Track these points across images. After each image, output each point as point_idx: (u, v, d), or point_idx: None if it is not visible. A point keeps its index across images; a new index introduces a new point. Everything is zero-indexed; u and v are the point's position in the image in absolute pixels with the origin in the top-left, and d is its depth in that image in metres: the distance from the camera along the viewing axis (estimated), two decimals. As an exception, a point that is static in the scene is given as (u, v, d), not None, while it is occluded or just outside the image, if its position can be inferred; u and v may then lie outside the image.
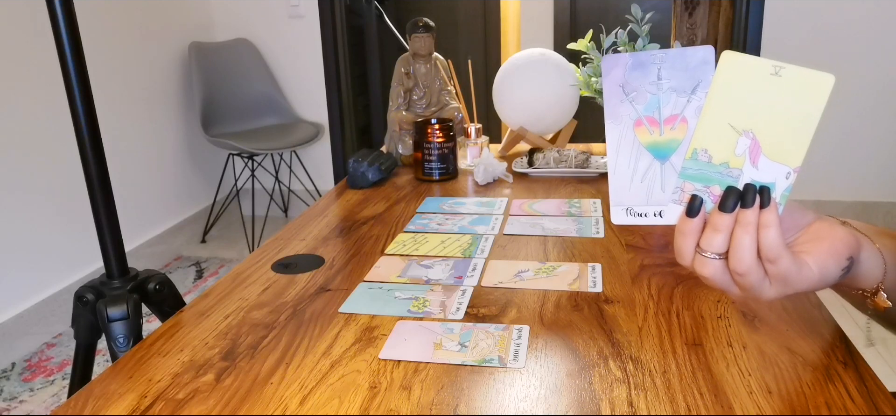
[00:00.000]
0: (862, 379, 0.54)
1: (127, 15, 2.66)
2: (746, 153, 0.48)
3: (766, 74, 0.47)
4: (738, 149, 0.49)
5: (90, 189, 0.88)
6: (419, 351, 0.61)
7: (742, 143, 0.48)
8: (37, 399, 1.91)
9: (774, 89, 0.48)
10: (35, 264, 2.24)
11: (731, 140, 0.49)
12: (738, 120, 0.48)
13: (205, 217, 3.19)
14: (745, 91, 0.48)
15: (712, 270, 0.48)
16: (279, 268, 0.83)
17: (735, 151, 0.49)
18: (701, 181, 0.49)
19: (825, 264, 0.49)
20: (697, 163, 0.49)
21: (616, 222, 0.52)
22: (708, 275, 0.49)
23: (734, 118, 0.49)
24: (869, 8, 2.72)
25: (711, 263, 0.48)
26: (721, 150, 0.49)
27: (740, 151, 0.49)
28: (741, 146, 0.48)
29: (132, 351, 0.64)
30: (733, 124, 0.49)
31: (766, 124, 0.48)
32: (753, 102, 0.48)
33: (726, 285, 0.49)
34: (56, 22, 0.81)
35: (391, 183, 1.19)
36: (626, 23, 1.23)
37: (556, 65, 1.29)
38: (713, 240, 0.48)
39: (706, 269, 0.49)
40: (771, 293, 0.49)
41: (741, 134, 0.48)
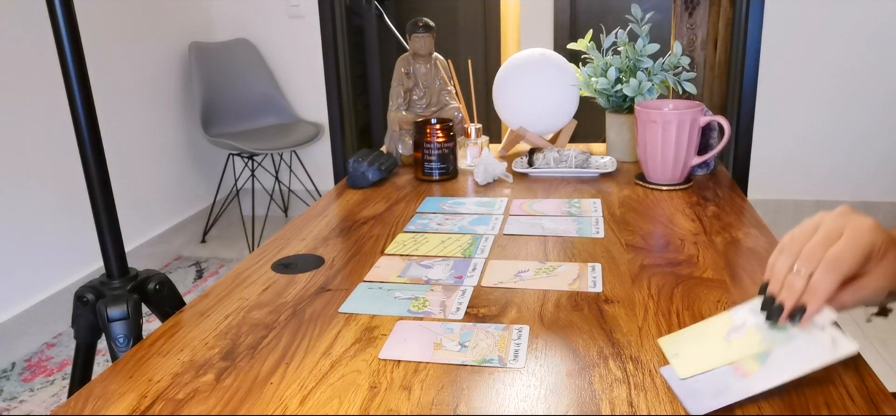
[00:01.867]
0: (862, 379, 0.54)
1: (127, 15, 2.66)
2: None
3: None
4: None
5: (90, 189, 0.88)
6: (419, 351, 0.61)
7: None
8: (37, 399, 1.91)
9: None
10: (35, 264, 2.24)
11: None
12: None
13: (205, 217, 3.19)
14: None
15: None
16: (279, 268, 0.83)
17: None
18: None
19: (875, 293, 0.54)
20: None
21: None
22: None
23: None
24: (869, 8, 2.72)
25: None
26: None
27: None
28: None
29: (132, 351, 0.64)
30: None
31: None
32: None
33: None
34: (56, 22, 0.81)
35: (391, 183, 1.19)
36: (626, 23, 1.23)
37: (556, 65, 1.29)
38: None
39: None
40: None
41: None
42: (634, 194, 1.06)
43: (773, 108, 2.89)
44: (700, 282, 0.73)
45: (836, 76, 2.82)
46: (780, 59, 2.83)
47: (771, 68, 2.83)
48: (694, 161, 1.08)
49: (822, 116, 2.89)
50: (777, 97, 2.88)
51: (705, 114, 1.06)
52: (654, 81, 1.18)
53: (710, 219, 0.93)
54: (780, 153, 2.95)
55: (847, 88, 2.83)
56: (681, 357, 0.56)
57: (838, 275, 0.51)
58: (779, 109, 2.90)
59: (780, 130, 2.93)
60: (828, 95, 2.86)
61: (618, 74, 1.22)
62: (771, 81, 2.84)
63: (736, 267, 0.76)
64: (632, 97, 1.20)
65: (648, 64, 1.19)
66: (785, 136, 2.93)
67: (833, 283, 0.51)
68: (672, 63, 1.20)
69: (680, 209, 0.98)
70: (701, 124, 1.05)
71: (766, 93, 2.82)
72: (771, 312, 0.54)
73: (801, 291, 0.52)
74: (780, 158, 2.95)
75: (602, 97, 1.25)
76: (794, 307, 0.53)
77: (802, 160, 2.95)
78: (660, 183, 1.08)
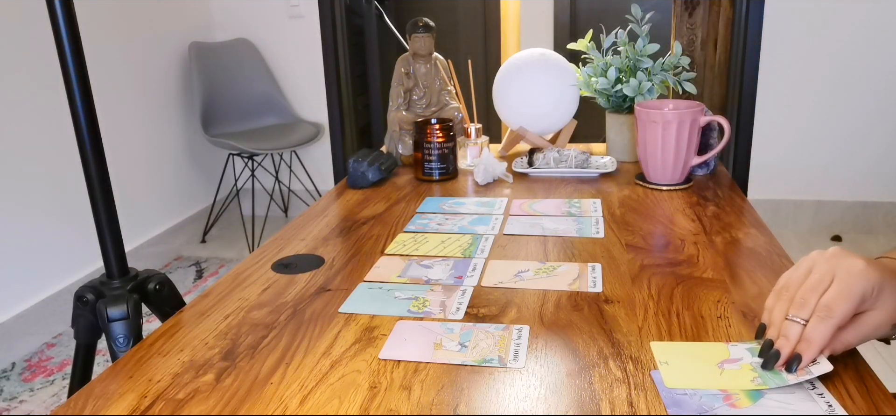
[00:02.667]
0: (862, 379, 0.54)
1: (127, 15, 2.66)
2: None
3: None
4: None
5: (90, 189, 0.88)
6: (419, 351, 0.61)
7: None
8: (37, 399, 1.91)
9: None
10: (35, 264, 2.24)
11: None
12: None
13: (205, 217, 3.19)
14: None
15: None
16: (279, 268, 0.83)
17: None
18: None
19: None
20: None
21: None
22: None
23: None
24: (869, 8, 2.72)
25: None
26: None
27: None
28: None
29: (132, 351, 0.64)
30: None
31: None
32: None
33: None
34: (56, 22, 0.81)
35: (391, 183, 1.19)
36: (626, 23, 1.23)
37: (556, 65, 1.29)
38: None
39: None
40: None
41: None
42: (634, 194, 1.06)
43: (773, 108, 2.89)
44: (700, 282, 0.73)
45: (835, 76, 2.82)
46: (780, 60, 2.83)
47: (771, 68, 2.83)
48: (694, 161, 1.08)
49: (821, 117, 2.89)
50: (777, 97, 2.88)
51: (705, 114, 1.06)
52: (654, 81, 1.18)
53: (710, 219, 0.93)
54: (780, 153, 2.95)
55: (847, 88, 2.83)
56: (671, 368, 0.57)
57: (831, 324, 0.52)
58: (779, 109, 2.90)
59: (780, 130, 2.93)
60: (827, 95, 2.86)
61: (618, 74, 1.22)
62: (771, 81, 2.84)
63: (736, 267, 0.76)
64: (632, 97, 1.20)
65: (648, 64, 1.19)
66: (785, 136, 2.93)
67: (826, 332, 0.53)
68: (672, 63, 1.20)
69: (680, 209, 0.98)
70: (701, 124, 1.05)
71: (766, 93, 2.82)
72: (767, 359, 0.55)
73: (797, 339, 0.54)
74: (780, 158, 2.95)
75: (602, 97, 1.25)
76: (791, 356, 0.54)
77: (802, 160, 2.95)
78: (660, 183, 1.08)
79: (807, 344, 0.53)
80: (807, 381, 0.53)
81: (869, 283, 0.53)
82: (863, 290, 0.53)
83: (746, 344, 0.59)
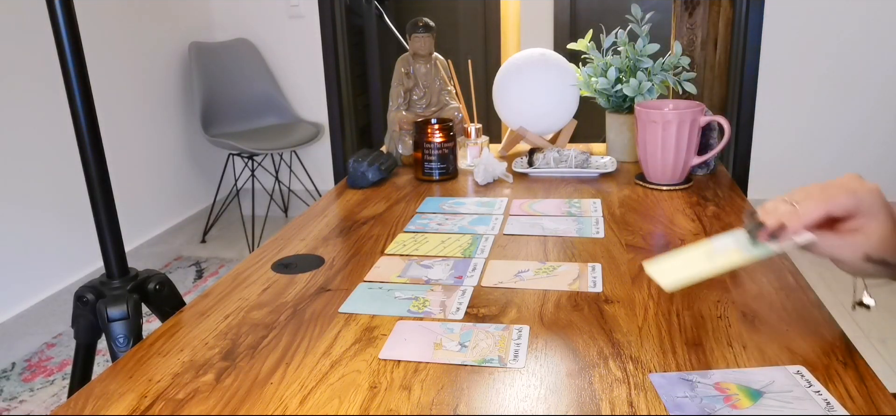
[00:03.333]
0: (862, 379, 0.54)
1: (127, 15, 2.66)
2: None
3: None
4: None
5: (90, 189, 0.88)
6: (419, 351, 0.61)
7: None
8: (37, 399, 1.91)
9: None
10: (35, 264, 2.24)
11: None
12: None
13: (205, 217, 3.19)
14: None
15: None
16: (279, 268, 0.83)
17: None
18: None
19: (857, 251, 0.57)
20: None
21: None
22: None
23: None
24: (869, 8, 2.72)
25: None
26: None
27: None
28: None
29: (132, 351, 0.64)
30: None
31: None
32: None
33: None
34: (56, 22, 0.81)
35: (391, 183, 1.19)
36: (626, 23, 1.23)
37: (556, 65, 1.29)
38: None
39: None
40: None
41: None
42: (634, 194, 1.06)
43: (773, 108, 2.89)
44: (700, 282, 0.73)
45: (835, 76, 2.82)
46: (780, 60, 2.83)
47: (771, 68, 2.83)
48: (694, 161, 1.08)
49: (821, 116, 2.89)
50: (777, 97, 2.88)
51: (705, 114, 1.06)
52: (654, 81, 1.18)
53: (709, 219, 0.93)
54: (780, 153, 2.95)
55: (847, 87, 2.83)
56: (665, 273, 0.61)
57: (822, 206, 0.55)
58: (779, 109, 2.90)
59: (780, 130, 2.93)
60: (827, 95, 2.86)
61: (618, 74, 1.22)
62: (771, 81, 2.84)
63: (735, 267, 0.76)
64: (632, 97, 1.20)
65: (648, 64, 1.19)
66: (785, 135, 2.93)
67: (815, 210, 0.55)
68: (672, 63, 1.20)
69: (680, 209, 0.98)
70: (701, 124, 1.05)
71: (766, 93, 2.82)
72: (753, 228, 0.57)
73: (785, 214, 0.57)
74: (780, 158, 2.95)
75: (602, 97, 1.25)
76: (776, 227, 0.57)
77: (802, 160, 2.95)
78: (660, 183, 1.08)
79: (794, 216, 0.56)
80: (805, 380, 0.53)
81: (873, 198, 0.55)
82: (863, 196, 0.55)
83: (730, 233, 0.63)
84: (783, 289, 0.70)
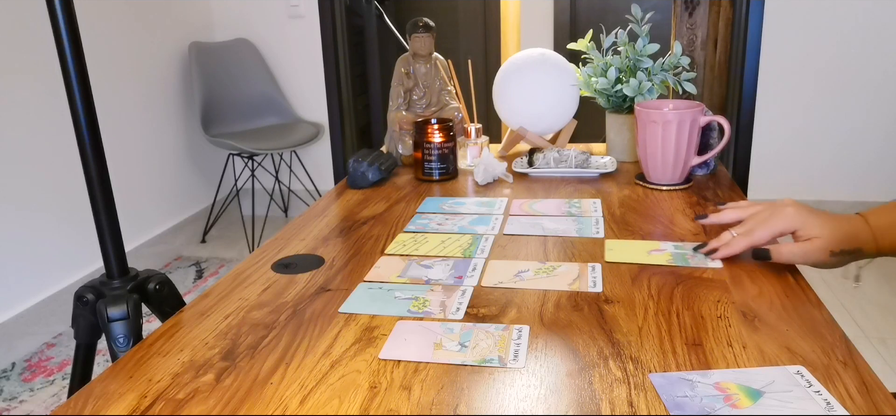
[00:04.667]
0: (862, 379, 0.54)
1: (127, 15, 2.66)
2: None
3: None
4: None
5: (90, 189, 0.88)
6: (419, 351, 0.61)
7: None
8: (37, 399, 1.91)
9: None
10: (35, 264, 2.24)
11: None
12: None
13: (205, 217, 3.19)
14: None
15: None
16: (279, 268, 0.83)
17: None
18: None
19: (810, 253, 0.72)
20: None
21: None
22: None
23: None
24: (869, 8, 2.72)
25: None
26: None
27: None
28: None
29: (132, 351, 0.64)
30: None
31: None
32: None
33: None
34: (56, 22, 0.81)
35: (391, 183, 1.19)
36: (626, 23, 1.23)
37: (556, 65, 1.29)
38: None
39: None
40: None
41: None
42: (634, 194, 1.06)
43: (772, 108, 2.89)
44: (700, 282, 0.73)
45: (835, 76, 2.82)
46: (780, 60, 2.83)
47: (771, 68, 2.83)
48: (694, 161, 1.08)
49: (821, 116, 2.89)
50: (777, 97, 2.88)
51: (705, 114, 1.06)
52: (654, 81, 1.18)
53: (710, 219, 0.93)
54: (780, 153, 2.95)
55: (847, 87, 2.83)
56: (613, 251, 0.82)
57: (747, 241, 0.75)
58: (779, 109, 2.90)
59: (780, 130, 2.93)
60: (827, 96, 2.86)
61: (618, 74, 1.22)
62: (771, 81, 2.84)
63: (735, 267, 0.76)
64: (632, 97, 1.20)
65: (648, 64, 1.19)
66: (785, 135, 2.93)
67: (742, 245, 0.75)
68: (672, 63, 1.20)
69: (680, 209, 0.98)
70: (701, 124, 1.05)
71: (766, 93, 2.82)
72: (697, 247, 0.81)
73: (725, 243, 0.77)
74: (780, 158, 2.95)
75: (602, 97, 1.25)
76: (711, 249, 0.78)
77: (802, 160, 2.95)
78: (660, 183, 1.08)
79: (726, 246, 0.77)
80: (805, 380, 0.54)
81: (790, 221, 0.72)
82: (783, 226, 0.73)
83: (674, 243, 0.84)
84: (783, 289, 0.70)
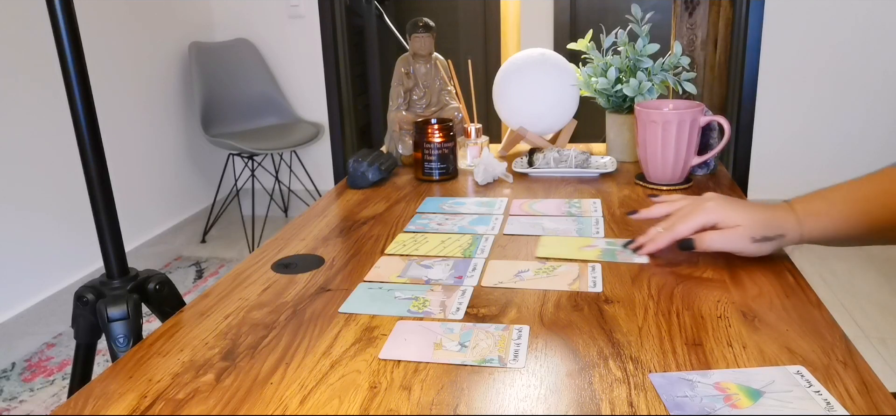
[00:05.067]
0: (862, 379, 0.54)
1: (127, 15, 2.66)
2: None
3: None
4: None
5: (90, 189, 0.88)
6: (419, 351, 0.61)
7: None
8: (37, 399, 1.91)
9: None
10: (35, 264, 2.24)
11: None
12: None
13: (205, 217, 3.19)
14: None
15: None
16: (279, 268, 0.83)
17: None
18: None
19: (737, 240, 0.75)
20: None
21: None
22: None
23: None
24: (869, 8, 2.72)
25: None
26: None
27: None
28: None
29: (132, 351, 0.64)
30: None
31: None
32: None
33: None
34: (56, 22, 0.81)
35: (391, 183, 1.19)
36: (626, 23, 1.23)
37: (556, 65, 1.29)
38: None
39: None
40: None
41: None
42: (634, 194, 1.06)
43: (772, 108, 2.89)
44: (700, 282, 0.73)
45: (835, 76, 2.82)
46: (780, 60, 2.83)
47: (771, 68, 2.83)
48: (694, 161, 1.08)
49: (821, 116, 2.89)
50: (777, 97, 2.88)
51: (705, 114, 1.06)
52: (654, 81, 1.18)
53: (710, 219, 0.93)
54: (780, 153, 2.95)
55: (847, 87, 2.83)
56: (545, 247, 0.85)
57: (670, 236, 0.77)
58: (779, 109, 2.90)
59: (780, 130, 2.93)
60: (827, 95, 2.86)
61: (618, 74, 1.22)
62: (771, 81, 2.84)
63: (735, 267, 0.76)
64: (632, 97, 1.20)
65: (648, 64, 1.19)
66: (785, 135, 2.93)
67: (666, 239, 0.78)
68: (672, 63, 1.20)
69: (680, 209, 0.98)
70: (701, 124, 1.05)
71: (766, 93, 2.82)
72: (627, 243, 0.83)
73: (649, 239, 0.80)
74: (780, 158, 2.95)
75: (602, 97, 1.25)
76: (638, 245, 0.81)
77: (802, 160, 2.95)
78: (660, 183, 1.08)
79: (651, 241, 0.79)
80: (805, 380, 0.54)
81: (710, 214, 0.75)
82: (704, 219, 0.76)
83: (606, 240, 0.87)
84: (783, 289, 0.70)
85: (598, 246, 0.84)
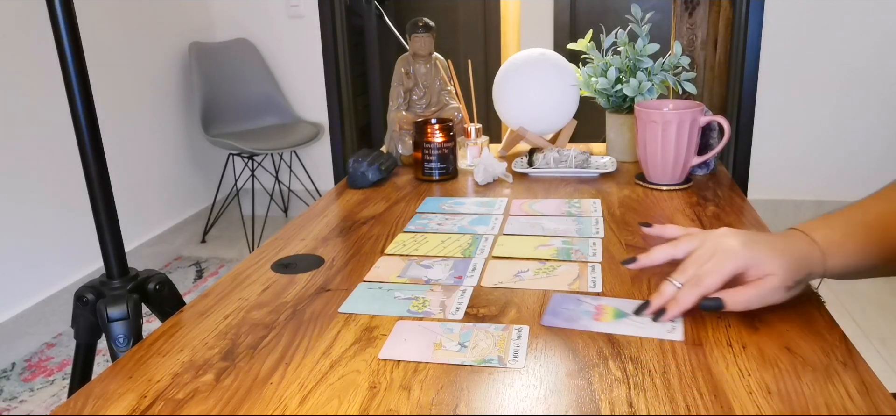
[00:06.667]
0: (862, 379, 0.54)
1: (127, 15, 2.66)
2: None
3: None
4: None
5: (90, 189, 0.88)
6: (419, 351, 0.61)
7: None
8: (37, 399, 1.91)
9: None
10: (35, 264, 2.24)
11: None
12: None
13: (205, 217, 3.19)
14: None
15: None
16: (279, 268, 0.83)
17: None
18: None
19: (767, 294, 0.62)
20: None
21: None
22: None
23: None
24: (869, 8, 2.72)
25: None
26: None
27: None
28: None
29: (132, 351, 0.64)
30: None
31: None
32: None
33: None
34: (56, 22, 0.81)
35: (391, 183, 1.19)
36: (626, 23, 1.23)
37: (556, 65, 1.29)
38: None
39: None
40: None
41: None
42: (634, 194, 1.06)
43: (772, 108, 2.89)
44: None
45: (835, 76, 2.82)
46: (780, 60, 2.83)
47: (771, 68, 2.83)
48: (694, 161, 1.08)
49: (821, 116, 2.89)
50: (777, 97, 2.88)
51: (705, 114, 1.06)
52: (654, 81, 1.18)
53: (710, 219, 0.93)
54: (780, 153, 2.95)
55: (847, 88, 2.83)
56: (502, 247, 0.85)
57: (698, 292, 0.61)
58: (779, 109, 2.90)
59: (780, 130, 2.93)
60: (828, 95, 2.86)
61: (618, 74, 1.22)
62: (771, 81, 2.84)
63: (736, 267, 0.76)
64: (632, 97, 1.20)
65: (648, 64, 1.19)
66: (785, 136, 2.93)
67: (693, 297, 0.62)
68: (672, 63, 1.20)
69: (680, 209, 0.98)
70: (701, 124, 1.05)
71: (766, 93, 2.82)
72: (640, 307, 0.66)
73: (669, 297, 0.64)
74: (780, 158, 2.95)
75: (602, 97, 1.25)
76: (658, 309, 0.64)
77: (802, 160, 2.95)
78: (660, 183, 1.08)
79: (675, 303, 0.63)
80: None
81: (740, 260, 0.62)
82: (734, 267, 0.62)
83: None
84: (783, 289, 0.70)
85: (554, 245, 0.84)
